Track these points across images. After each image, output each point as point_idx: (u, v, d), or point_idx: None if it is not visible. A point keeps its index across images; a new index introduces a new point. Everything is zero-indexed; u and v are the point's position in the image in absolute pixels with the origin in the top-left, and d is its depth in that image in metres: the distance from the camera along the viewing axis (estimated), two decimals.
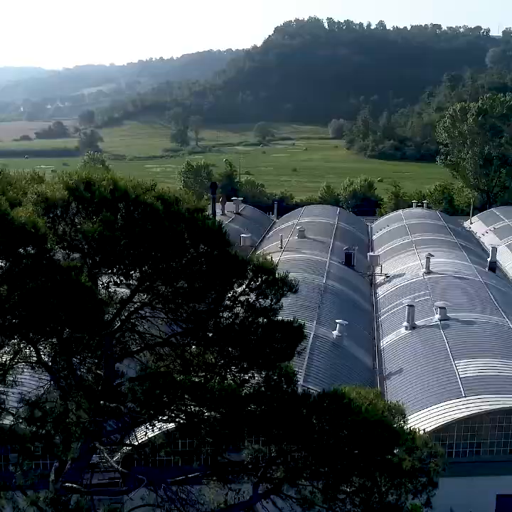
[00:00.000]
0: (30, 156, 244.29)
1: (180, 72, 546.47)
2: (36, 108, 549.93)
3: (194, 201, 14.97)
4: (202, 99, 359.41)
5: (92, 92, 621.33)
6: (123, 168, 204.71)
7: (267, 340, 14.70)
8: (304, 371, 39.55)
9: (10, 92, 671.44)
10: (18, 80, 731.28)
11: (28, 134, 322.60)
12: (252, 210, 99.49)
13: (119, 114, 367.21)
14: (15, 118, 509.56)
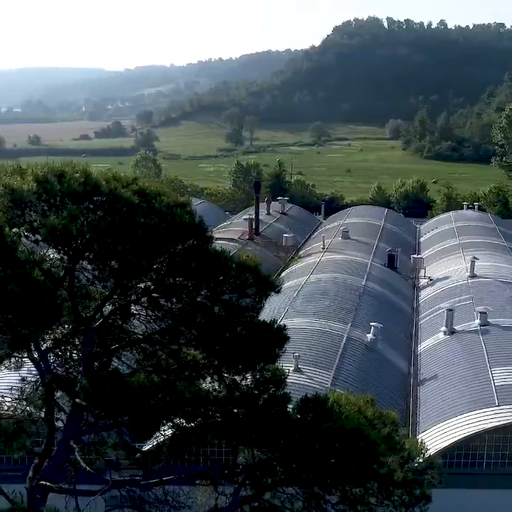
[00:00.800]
0: (88, 154, 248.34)
1: (239, 73, 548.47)
2: (97, 108, 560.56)
3: (177, 196, 14.53)
4: (259, 100, 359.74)
5: (152, 92, 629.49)
6: (176, 167, 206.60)
7: (245, 342, 14.14)
8: (333, 374, 38.78)
9: (73, 92, 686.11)
10: (81, 80, 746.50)
11: (87, 133, 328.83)
12: (298, 210, 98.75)
13: (176, 114, 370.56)
14: (76, 118, 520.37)
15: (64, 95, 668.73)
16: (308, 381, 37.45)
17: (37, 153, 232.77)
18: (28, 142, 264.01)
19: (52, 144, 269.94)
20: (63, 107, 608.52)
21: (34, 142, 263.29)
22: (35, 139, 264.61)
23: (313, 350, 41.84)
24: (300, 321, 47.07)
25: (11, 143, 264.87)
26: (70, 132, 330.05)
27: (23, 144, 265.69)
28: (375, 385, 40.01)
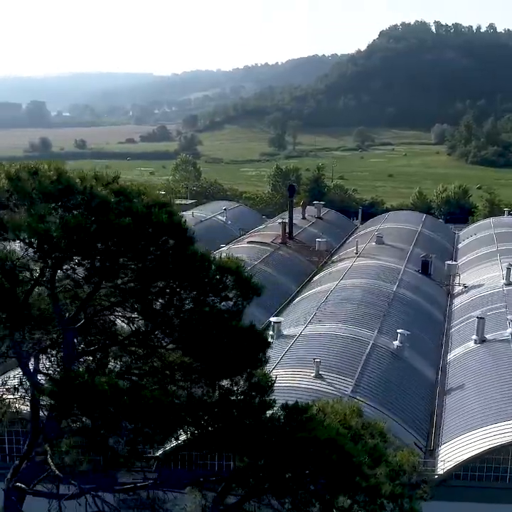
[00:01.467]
0: (133, 158, 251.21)
1: (284, 78, 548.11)
2: (144, 112, 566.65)
3: (158, 196, 14.19)
4: (302, 104, 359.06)
5: (198, 96, 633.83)
6: (218, 171, 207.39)
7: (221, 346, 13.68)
8: (354, 381, 38.01)
9: (121, 96, 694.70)
10: (129, 85, 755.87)
11: (133, 137, 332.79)
12: (334, 214, 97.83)
13: (220, 119, 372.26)
14: (124, 122, 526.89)
15: (112, 100, 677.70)
16: (328, 388, 36.81)
17: (82, 157, 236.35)
18: (75, 146, 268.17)
19: (98, 147, 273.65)
20: (111, 112, 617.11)
21: (80, 146, 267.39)
22: (81, 143, 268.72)
23: (337, 356, 41.15)
24: (325, 326, 46.40)
25: (57, 146, 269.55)
26: (116, 136, 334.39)
27: (69, 147, 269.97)
28: (398, 394, 39.17)
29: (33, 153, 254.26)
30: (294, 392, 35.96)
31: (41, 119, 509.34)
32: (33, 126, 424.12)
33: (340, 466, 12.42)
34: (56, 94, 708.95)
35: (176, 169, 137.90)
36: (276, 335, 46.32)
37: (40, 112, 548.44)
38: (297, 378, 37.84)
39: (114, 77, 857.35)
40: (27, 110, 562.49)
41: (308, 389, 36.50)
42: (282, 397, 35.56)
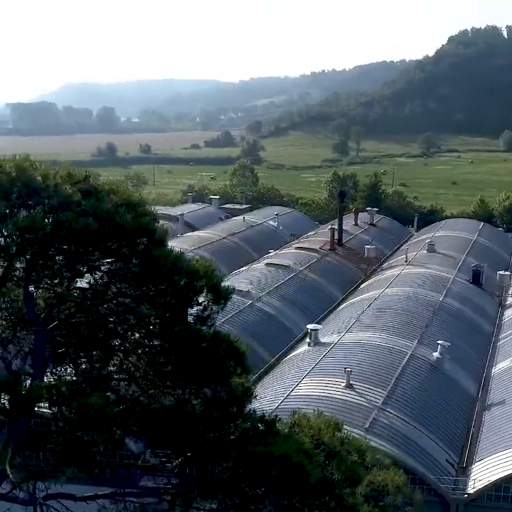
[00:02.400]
0: (196, 163, 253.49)
1: (351, 84, 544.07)
2: (211, 118, 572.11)
3: (129, 195, 13.66)
4: (368, 110, 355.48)
5: (265, 103, 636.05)
6: (279, 177, 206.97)
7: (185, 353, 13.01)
8: (386, 393, 36.71)
9: (189, 103, 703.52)
10: (197, 91, 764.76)
11: (197, 142, 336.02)
12: (388, 221, 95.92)
13: (285, 125, 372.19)
14: (190, 128, 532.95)
15: (180, 106, 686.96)
16: (358, 398, 35.69)
17: (146, 162, 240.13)
18: (140, 151, 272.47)
19: (162, 152, 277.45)
20: (179, 118, 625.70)
21: (145, 151, 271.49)
22: (146, 148, 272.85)
23: (371, 366, 39.91)
24: (363, 335, 45.19)
25: (123, 151, 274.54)
26: (182, 141, 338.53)
27: (135, 152, 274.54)
28: (433, 407, 37.66)
29: (99, 158, 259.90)
30: (322, 402, 35.07)
31: (111, 125, 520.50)
32: (103, 131, 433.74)
33: (293, 483, 11.60)
34: (126, 100, 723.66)
35: (234, 174, 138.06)
36: (313, 342, 45.43)
37: (109, 118, 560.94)
38: (328, 388, 36.85)
39: (182, 83, 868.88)
40: (97, 116, 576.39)
41: (337, 399, 35.50)
42: (310, 406, 34.78)
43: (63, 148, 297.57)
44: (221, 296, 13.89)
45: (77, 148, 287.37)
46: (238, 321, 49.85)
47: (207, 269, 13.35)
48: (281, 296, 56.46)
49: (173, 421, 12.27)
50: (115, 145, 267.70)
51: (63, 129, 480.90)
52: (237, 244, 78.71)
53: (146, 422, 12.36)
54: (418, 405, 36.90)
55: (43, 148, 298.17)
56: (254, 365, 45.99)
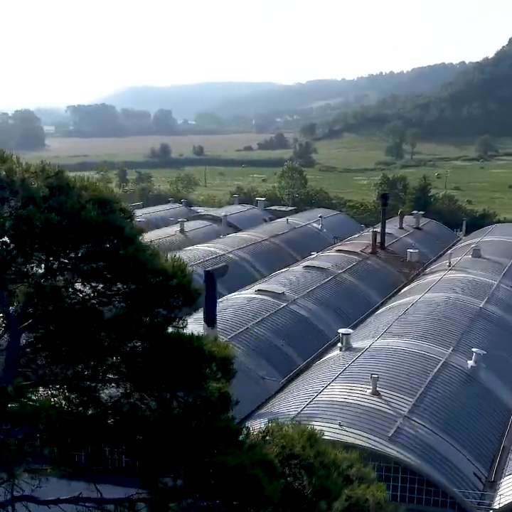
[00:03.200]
0: (248, 165, 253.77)
1: (409, 86, 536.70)
2: (266, 121, 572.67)
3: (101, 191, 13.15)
4: (424, 112, 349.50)
5: (321, 105, 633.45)
6: (331, 179, 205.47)
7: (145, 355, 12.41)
8: (414, 401, 35.47)
9: (245, 105, 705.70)
10: (253, 94, 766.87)
11: (251, 144, 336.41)
12: (435, 225, 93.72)
13: (339, 127, 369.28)
14: (246, 130, 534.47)
15: (236, 109, 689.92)
16: (383, 406, 34.57)
17: (199, 163, 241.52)
18: (193, 152, 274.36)
19: (215, 154, 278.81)
20: (235, 120, 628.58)
21: (198, 152, 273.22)
22: (199, 150, 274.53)
23: (400, 373, 38.72)
24: (396, 341, 43.95)
25: (177, 152, 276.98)
26: (236, 144, 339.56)
27: (188, 153, 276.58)
28: (464, 418, 36.21)
29: (152, 159, 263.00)
30: (346, 408, 34.20)
31: (167, 126, 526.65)
32: (159, 133, 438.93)
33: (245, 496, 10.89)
34: (183, 103, 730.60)
35: (282, 176, 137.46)
36: (345, 347, 44.41)
37: (166, 120, 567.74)
38: (353, 394, 35.85)
39: (239, 86, 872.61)
40: (155, 118, 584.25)
41: (362, 406, 34.48)
42: (333, 413, 33.92)
43: (121, 149, 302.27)
44: (190, 298, 13.24)
45: (133, 150, 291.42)
46: (270, 323, 49.20)
47: (177, 268, 12.74)
48: (317, 299, 55.56)
49: (129, 426, 11.73)
50: (169, 146, 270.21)
51: (122, 130, 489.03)
52: (279, 246, 78.05)
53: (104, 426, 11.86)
54: (447, 415, 35.56)
55: (102, 149, 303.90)
56: (285, 368, 45.48)
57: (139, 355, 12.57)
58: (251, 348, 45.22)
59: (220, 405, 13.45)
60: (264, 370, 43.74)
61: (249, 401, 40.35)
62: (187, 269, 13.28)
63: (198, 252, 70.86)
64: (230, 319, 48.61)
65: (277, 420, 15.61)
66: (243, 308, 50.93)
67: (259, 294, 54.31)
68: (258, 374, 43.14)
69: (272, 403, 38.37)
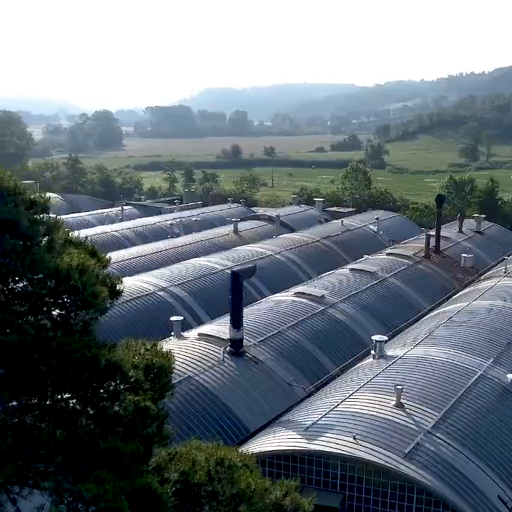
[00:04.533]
0: (318, 166, 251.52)
1: (491, 87, 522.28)
2: (342, 122, 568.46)
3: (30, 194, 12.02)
4: (503, 114, 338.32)
5: (398, 107, 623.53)
6: (400, 181, 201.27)
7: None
8: (441, 415, 33.08)
9: (321, 107, 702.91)
10: (330, 96, 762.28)
11: (323, 146, 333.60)
12: (498, 230, 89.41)
13: (414, 128, 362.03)
14: (321, 131, 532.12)
15: (313, 110, 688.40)
16: (405, 419, 32.33)
17: (269, 164, 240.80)
18: (264, 153, 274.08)
19: (286, 155, 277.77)
20: (311, 122, 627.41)
21: (269, 153, 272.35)
22: (270, 150, 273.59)
23: (430, 384, 36.30)
24: (432, 350, 41.44)
25: (248, 153, 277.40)
26: (309, 145, 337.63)
27: (259, 154, 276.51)
28: (494, 435, 33.51)
29: (223, 160, 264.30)
30: (364, 420, 32.16)
31: (243, 128, 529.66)
32: (234, 134, 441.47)
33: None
34: (260, 105, 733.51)
35: (346, 177, 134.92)
36: (378, 355, 42.18)
37: (241, 121, 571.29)
38: (375, 405, 33.73)
39: (317, 88, 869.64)
40: (230, 120, 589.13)
41: (382, 419, 32.32)
42: (350, 425, 31.93)
43: (195, 150, 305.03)
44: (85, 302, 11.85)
45: (206, 150, 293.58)
46: (304, 327, 47.44)
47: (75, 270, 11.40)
48: (358, 304, 53.39)
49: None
50: (240, 147, 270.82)
51: (197, 131, 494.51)
52: (330, 248, 75.99)
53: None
54: (475, 431, 32.99)
55: (176, 149, 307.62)
56: (315, 374, 43.64)
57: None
58: (280, 353, 43.62)
59: (134, 421, 12.01)
60: (291, 376, 42.07)
61: (271, 408, 38.91)
62: (92, 271, 11.91)
63: (245, 252, 69.71)
64: (262, 322, 47.16)
65: (192, 442, 13.91)
66: (278, 311, 49.36)
67: (297, 297, 52.63)
68: (284, 380, 41.52)
69: (293, 411, 36.66)
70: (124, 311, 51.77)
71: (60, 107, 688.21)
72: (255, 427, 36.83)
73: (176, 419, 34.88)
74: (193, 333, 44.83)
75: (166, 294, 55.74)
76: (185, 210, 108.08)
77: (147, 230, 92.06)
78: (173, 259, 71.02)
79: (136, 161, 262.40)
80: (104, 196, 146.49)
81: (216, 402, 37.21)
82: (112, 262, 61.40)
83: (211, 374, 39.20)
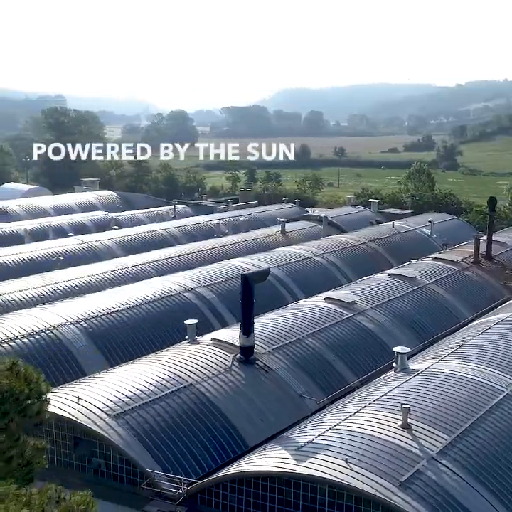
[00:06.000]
0: (388, 167, 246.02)
1: None
2: (419, 123, 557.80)
3: None
4: None
5: (479, 107, 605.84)
6: (471, 183, 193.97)
7: None
8: (452, 439, 29.86)
9: (400, 107, 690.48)
10: (409, 96, 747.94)
11: (396, 146, 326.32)
12: None
13: (492, 129, 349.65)
14: (397, 132, 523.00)
15: (391, 110, 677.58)
16: (409, 442, 29.24)
17: (338, 164, 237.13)
18: (334, 153, 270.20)
19: (357, 155, 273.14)
20: (388, 122, 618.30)
21: (338, 154, 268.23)
22: (340, 151, 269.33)
23: (446, 404, 32.97)
24: (458, 365, 37.98)
25: (317, 153, 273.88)
26: (383, 145, 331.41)
27: (329, 155, 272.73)
28: (508, 462, 29.93)
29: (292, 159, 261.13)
30: (364, 442, 29.26)
31: (317, 128, 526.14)
32: (309, 135, 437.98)
33: None
34: (336, 104, 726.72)
35: (409, 178, 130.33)
36: (400, 368, 39.03)
37: (317, 121, 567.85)
38: (380, 425, 30.75)
39: (393, 88, 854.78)
40: (305, 120, 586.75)
41: (384, 441, 29.35)
42: (347, 446, 29.07)
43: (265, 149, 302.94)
44: None
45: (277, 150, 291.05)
46: (327, 335, 44.60)
47: None
48: (391, 311, 50.11)
49: None
50: (308, 147, 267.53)
51: (272, 131, 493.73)
52: (376, 251, 72.63)
53: None
54: (489, 460, 29.54)
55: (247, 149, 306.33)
56: (332, 386, 40.77)
57: None
58: (295, 361, 40.97)
59: None
60: (304, 387, 39.37)
61: (278, 421, 36.42)
62: None
63: (283, 253, 67.33)
64: (282, 328, 44.63)
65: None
66: (301, 317, 46.69)
67: (326, 302, 49.84)
68: (295, 391, 38.86)
69: (296, 427, 34.01)
70: (146, 312, 50.31)
71: (142, 107, 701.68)
72: (255, 441, 34.38)
73: (168, 430, 32.92)
74: (206, 337, 42.78)
75: (191, 295, 53.97)
76: (237, 210, 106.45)
77: (195, 229, 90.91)
78: (212, 259, 69.37)
79: (205, 161, 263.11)
80: (167, 195, 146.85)
81: (215, 412, 34.95)
82: (150, 260, 59.54)
83: (215, 382, 37.00)
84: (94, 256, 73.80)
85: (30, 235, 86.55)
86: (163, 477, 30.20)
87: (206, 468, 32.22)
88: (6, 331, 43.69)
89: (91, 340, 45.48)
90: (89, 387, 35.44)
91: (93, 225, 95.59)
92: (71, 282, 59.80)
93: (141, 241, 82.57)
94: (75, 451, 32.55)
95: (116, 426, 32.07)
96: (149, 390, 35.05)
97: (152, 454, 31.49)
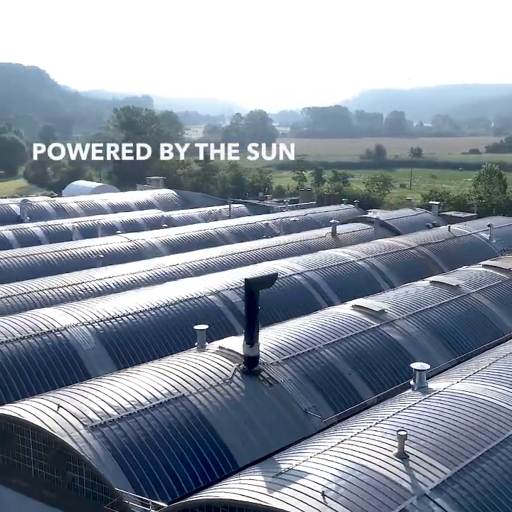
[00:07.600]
0: (467, 169, 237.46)
1: None
2: (506, 123, 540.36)
3: None
4: None
5: None
6: None
7: None
8: (452, 473, 26.17)
9: (487, 108, 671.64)
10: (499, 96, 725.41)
11: (478, 148, 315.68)
12: None
13: None
14: (483, 133, 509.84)
15: (476, 111, 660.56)
16: (401, 475, 25.69)
17: (414, 165, 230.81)
18: (409, 154, 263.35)
19: (432, 156, 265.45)
20: (473, 123, 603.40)
21: (415, 154, 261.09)
22: (417, 151, 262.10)
23: (455, 430, 29.16)
24: (480, 386, 33.93)
25: (392, 154, 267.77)
26: (465, 146, 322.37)
27: (404, 155, 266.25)
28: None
29: (367, 160, 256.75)
30: (352, 472, 25.97)
31: (399, 129, 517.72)
32: (390, 135, 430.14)
33: None
34: (421, 105, 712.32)
35: (479, 180, 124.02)
36: (417, 386, 35.27)
37: (398, 122, 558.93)
38: (374, 453, 27.29)
39: (480, 88, 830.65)
40: (387, 121, 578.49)
41: (373, 471, 25.91)
42: (332, 476, 25.77)
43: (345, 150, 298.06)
44: None
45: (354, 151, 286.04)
46: (346, 346, 41.17)
47: None
48: (424, 322, 46.14)
49: None
50: (383, 148, 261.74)
51: (353, 132, 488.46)
52: (426, 256, 68.33)
53: None
54: (494, 500, 25.69)
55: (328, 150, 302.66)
56: (343, 403, 37.46)
57: None
58: (305, 374, 37.79)
59: None
60: (311, 402, 36.19)
61: (275, 440, 33.44)
62: None
63: (326, 256, 64.13)
64: (298, 337, 41.49)
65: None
66: (323, 325, 43.41)
67: (354, 310, 46.38)
68: (300, 406, 35.74)
69: (291, 448, 30.95)
70: (165, 315, 48.38)
71: (227, 108, 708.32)
72: (246, 461, 31.52)
73: (147, 446, 30.52)
74: (215, 344, 40.22)
75: (216, 298, 51.71)
76: (294, 210, 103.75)
77: (245, 228, 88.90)
78: (252, 261, 67.18)
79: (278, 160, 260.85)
80: (234, 194, 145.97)
81: (204, 427, 32.29)
82: (189, 261, 57.11)
83: (210, 394, 34.33)
84: (138, 255, 72.71)
85: (79, 231, 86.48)
86: (132, 498, 27.79)
87: (186, 489, 29.65)
88: (14, 330, 42.51)
89: (101, 343, 43.76)
90: (75, 394, 33.47)
91: (145, 224, 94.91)
92: (103, 281, 58.54)
93: (188, 240, 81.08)
94: (49, 464, 30.63)
95: (91, 439, 29.90)
96: (136, 401, 32.76)
97: (125, 471, 29.14)
